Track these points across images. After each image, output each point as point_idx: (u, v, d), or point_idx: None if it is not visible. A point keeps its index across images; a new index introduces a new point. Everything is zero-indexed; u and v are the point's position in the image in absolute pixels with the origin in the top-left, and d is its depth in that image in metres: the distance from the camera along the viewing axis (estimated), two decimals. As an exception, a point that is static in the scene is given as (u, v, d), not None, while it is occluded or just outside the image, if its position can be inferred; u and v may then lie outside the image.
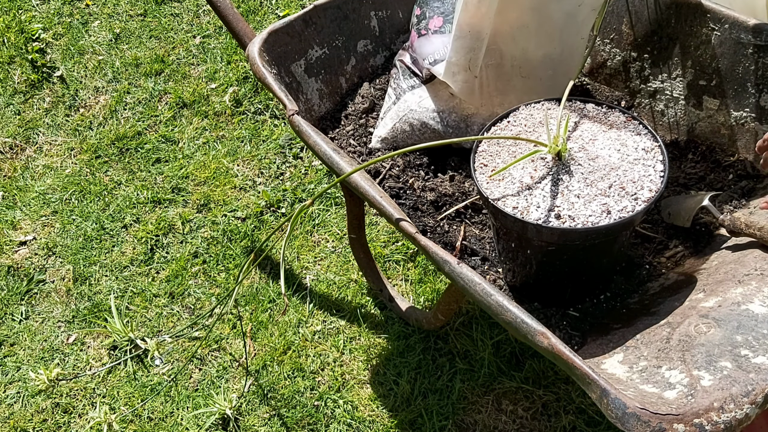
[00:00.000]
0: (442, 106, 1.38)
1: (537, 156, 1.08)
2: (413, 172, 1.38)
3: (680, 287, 1.09)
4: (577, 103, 1.18)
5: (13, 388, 1.82)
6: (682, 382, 0.82)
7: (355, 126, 1.46)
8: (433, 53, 1.34)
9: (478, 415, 1.59)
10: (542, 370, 1.62)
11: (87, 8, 2.83)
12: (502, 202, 1.04)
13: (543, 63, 1.30)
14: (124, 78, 2.56)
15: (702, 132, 1.29)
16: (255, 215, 2.09)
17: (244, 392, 1.71)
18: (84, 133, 2.44)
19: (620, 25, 1.38)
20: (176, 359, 1.81)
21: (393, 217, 1.07)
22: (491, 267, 1.26)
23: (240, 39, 1.45)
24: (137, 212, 2.16)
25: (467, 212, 1.33)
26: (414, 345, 1.71)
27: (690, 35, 1.26)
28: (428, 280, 1.84)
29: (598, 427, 1.53)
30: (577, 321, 1.15)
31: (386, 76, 1.54)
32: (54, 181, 2.31)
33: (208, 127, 2.36)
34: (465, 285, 0.96)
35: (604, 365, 0.95)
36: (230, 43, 2.56)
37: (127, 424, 1.70)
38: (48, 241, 2.13)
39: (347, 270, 1.91)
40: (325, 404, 1.66)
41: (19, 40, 2.70)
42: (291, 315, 1.84)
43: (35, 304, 2.00)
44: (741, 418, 0.75)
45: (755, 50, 1.16)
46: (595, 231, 0.97)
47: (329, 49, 1.46)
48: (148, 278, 2.00)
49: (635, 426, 0.76)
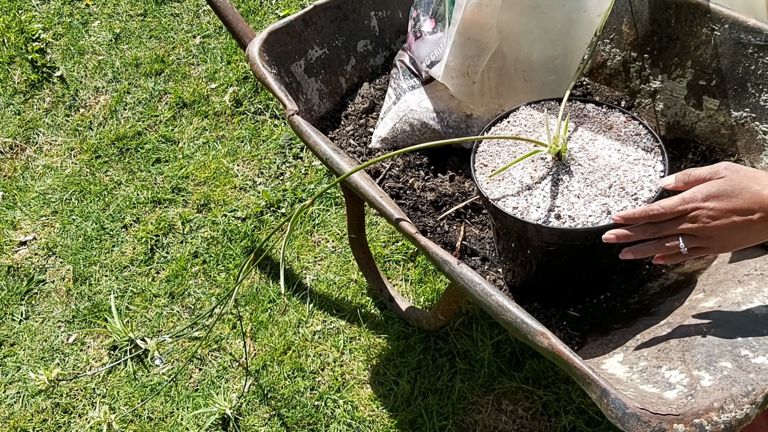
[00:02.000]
0: (442, 107, 1.38)
1: (537, 156, 1.08)
2: (413, 172, 1.38)
3: (680, 287, 1.09)
4: (578, 103, 1.18)
5: (13, 388, 1.82)
6: (682, 382, 0.82)
7: (355, 126, 1.46)
8: (429, 55, 1.34)
9: (478, 415, 1.59)
10: (542, 370, 1.62)
11: (87, 8, 2.83)
12: (502, 202, 1.04)
13: (546, 67, 1.30)
14: (124, 78, 2.56)
15: (702, 132, 1.29)
16: (255, 215, 2.09)
17: (244, 392, 1.71)
18: (84, 133, 2.44)
19: (620, 25, 1.38)
20: (176, 359, 1.81)
21: (393, 217, 1.07)
22: (491, 267, 1.26)
23: (240, 39, 1.45)
24: (137, 212, 2.16)
25: (467, 212, 1.33)
26: (414, 345, 1.71)
27: (690, 35, 1.26)
28: (428, 280, 1.84)
29: (598, 427, 1.53)
30: (577, 321, 1.15)
31: (386, 76, 1.54)
32: (54, 181, 2.31)
33: (208, 127, 2.36)
34: (465, 285, 0.96)
35: (604, 365, 0.95)
36: (230, 43, 2.56)
37: (127, 424, 1.70)
38: (48, 241, 2.13)
39: (347, 270, 1.91)
40: (325, 404, 1.66)
41: (19, 40, 2.70)
42: (291, 315, 1.84)
43: (35, 304, 2.00)
44: (741, 418, 0.75)
45: (755, 50, 1.16)
46: (595, 231, 0.97)
47: (329, 49, 1.46)
48: (148, 278, 2.00)
49: (635, 426, 0.76)
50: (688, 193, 0.86)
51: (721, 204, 0.83)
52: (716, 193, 0.84)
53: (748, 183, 0.82)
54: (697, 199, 0.85)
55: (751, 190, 0.81)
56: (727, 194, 0.83)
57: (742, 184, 0.82)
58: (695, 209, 0.85)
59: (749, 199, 0.81)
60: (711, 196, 0.84)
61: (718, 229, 0.84)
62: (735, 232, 0.83)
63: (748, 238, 0.84)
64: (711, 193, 0.84)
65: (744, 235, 0.84)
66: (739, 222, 0.82)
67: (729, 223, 0.83)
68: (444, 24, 1.30)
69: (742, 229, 0.83)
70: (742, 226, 0.83)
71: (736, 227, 0.83)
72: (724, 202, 0.83)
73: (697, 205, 0.85)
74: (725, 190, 0.83)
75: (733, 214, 0.83)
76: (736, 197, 0.82)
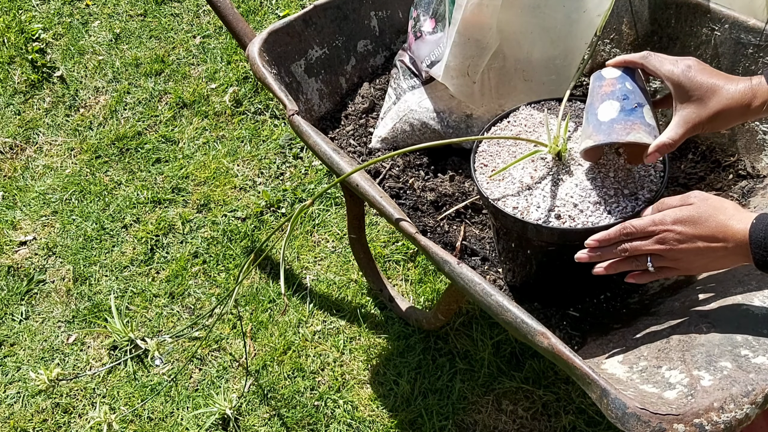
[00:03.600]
0: (443, 107, 1.38)
1: (537, 156, 1.08)
2: (413, 172, 1.38)
3: (680, 287, 1.09)
4: (578, 103, 1.18)
5: (13, 388, 1.82)
6: (682, 382, 0.82)
7: (355, 126, 1.46)
8: (429, 55, 1.34)
9: (478, 415, 1.59)
10: (542, 370, 1.62)
11: (87, 8, 2.83)
12: (502, 202, 1.04)
13: (546, 67, 1.30)
14: (124, 78, 2.56)
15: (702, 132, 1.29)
16: (255, 215, 2.09)
17: (244, 392, 1.71)
18: (84, 133, 2.44)
19: (620, 25, 1.38)
20: (176, 359, 1.81)
21: (393, 217, 1.07)
22: (491, 267, 1.26)
23: (240, 39, 1.45)
24: (137, 212, 2.16)
25: (467, 212, 1.33)
26: (414, 345, 1.71)
27: (690, 35, 1.26)
28: (428, 280, 1.84)
29: (598, 427, 1.53)
30: (577, 321, 1.15)
31: (386, 76, 1.54)
32: (54, 181, 2.31)
33: (208, 127, 2.36)
34: (465, 285, 0.96)
35: (604, 365, 0.95)
36: (230, 43, 2.56)
37: (127, 424, 1.70)
38: (48, 241, 2.13)
39: (347, 270, 1.91)
40: (325, 404, 1.66)
41: (19, 40, 2.71)
42: (291, 315, 1.84)
43: (35, 304, 2.00)
44: (741, 418, 0.75)
45: (755, 50, 1.16)
46: (595, 231, 0.97)
47: (329, 49, 1.46)
48: (148, 278, 2.00)
49: (635, 426, 0.76)
50: (659, 215, 0.90)
51: (687, 229, 0.87)
52: (684, 218, 0.87)
53: (713, 212, 0.86)
54: (666, 222, 0.88)
55: (717, 219, 0.85)
56: (694, 220, 0.86)
57: (708, 212, 0.86)
58: (663, 231, 0.88)
59: (714, 227, 0.85)
60: (679, 221, 0.87)
61: (683, 252, 0.88)
62: (699, 257, 0.87)
63: (712, 264, 0.88)
64: (678, 217, 0.88)
65: (708, 261, 0.87)
66: (703, 248, 0.86)
67: (694, 248, 0.86)
68: (444, 24, 1.31)
69: (706, 255, 0.86)
70: (706, 252, 0.86)
71: (700, 252, 0.87)
72: (690, 227, 0.87)
73: (666, 227, 0.88)
74: (692, 216, 0.87)
75: (698, 239, 0.86)
76: (701, 224, 0.86)
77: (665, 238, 0.88)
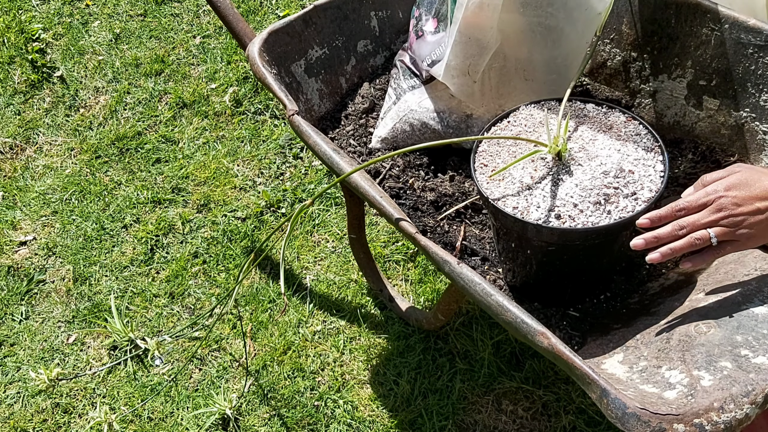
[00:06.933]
0: (443, 107, 1.38)
1: (537, 156, 1.08)
2: (413, 172, 1.38)
3: (680, 287, 1.09)
4: (578, 103, 1.18)
5: (13, 388, 1.82)
6: (682, 382, 0.82)
7: (355, 126, 1.46)
8: (430, 54, 1.34)
9: (478, 415, 1.59)
10: (542, 370, 1.62)
11: (87, 8, 2.83)
12: (502, 202, 1.04)
13: (547, 67, 1.30)
14: (124, 78, 2.56)
15: (702, 132, 1.29)
16: (255, 215, 2.09)
17: (244, 392, 1.71)
18: (84, 133, 2.44)
19: (620, 25, 1.38)
20: (176, 359, 1.81)
21: (393, 217, 1.07)
22: (491, 267, 1.26)
23: (240, 39, 1.45)
24: (137, 212, 2.16)
25: (467, 212, 1.33)
26: (414, 345, 1.71)
27: (690, 35, 1.26)
28: (428, 280, 1.84)
29: (598, 427, 1.53)
30: (577, 321, 1.15)
31: (386, 76, 1.54)
32: (54, 181, 2.31)
33: (208, 127, 2.36)
34: (465, 285, 0.96)
35: (604, 365, 0.95)
36: (230, 43, 2.56)
37: (127, 424, 1.70)
38: (48, 241, 2.13)
39: (347, 270, 1.91)
40: (325, 404, 1.66)
41: (19, 40, 2.70)
42: (291, 315, 1.84)
43: (35, 304, 2.00)
44: (741, 418, 0.75)
45: (755, 50, 1.16)
46: (595, 231, 0.97)
47: (329, 49, 1.46)
48: (148, 278, 2.00)
49: (635, 426, 0.76)
50: (709, 187, 0.89)
51: (741, 192, 0.87)
52: (735, 184, 0.87)
53: (761, 176, 0.87)
54: (719, 190, 0.88)
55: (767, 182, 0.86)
56: (747, 184, 0.87)
57: (756, 176, 0.87)
58: (719, 198, 0.88)
59: (766, 189, 0.86)
60: (731, 186, 0.87)
61: (743, 215, 0.87)
62: (758, 217, 0.86)
63: None
64: (731, 183, 0.88)
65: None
66: (763, 208, 0.86)
67: (754, 209, 0.86)
68: (446, 24, 1.31)
69: (766, 214, 0.86)
70: (766, 212, 0.86)
71: (759, 212, 0.86)
72: (744, 190, 0.87)
73: (721, 194, 0.88)
74: (744, 180, 0.87)
75: (755, 200, 0.86)
76: (754, 186, 0.86)
77: (722, 204, 0.87)
